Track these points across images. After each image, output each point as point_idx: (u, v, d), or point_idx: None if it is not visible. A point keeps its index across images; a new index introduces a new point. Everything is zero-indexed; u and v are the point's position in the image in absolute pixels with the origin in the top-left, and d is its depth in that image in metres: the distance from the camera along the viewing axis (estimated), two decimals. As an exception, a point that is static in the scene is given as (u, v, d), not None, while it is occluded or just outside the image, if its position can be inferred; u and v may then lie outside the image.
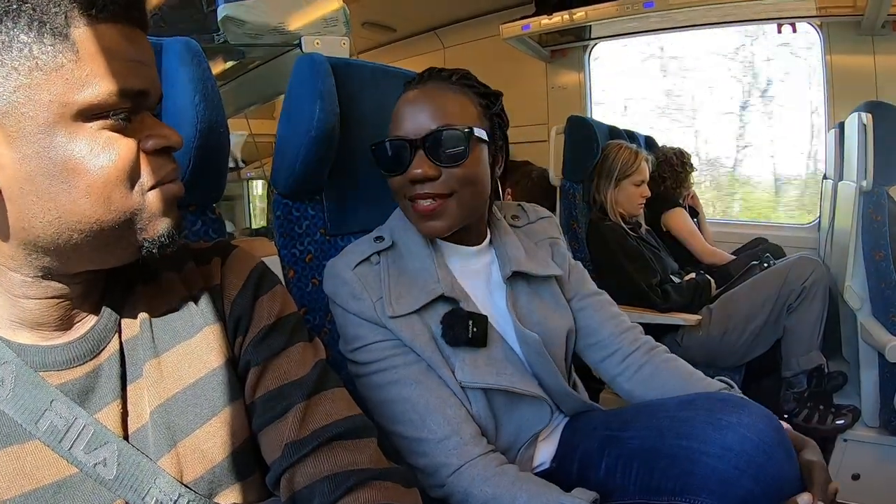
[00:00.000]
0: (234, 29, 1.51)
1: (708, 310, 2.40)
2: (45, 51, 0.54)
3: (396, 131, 1.05)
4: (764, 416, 0.94)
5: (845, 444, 2.20)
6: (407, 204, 1.07)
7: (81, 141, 0.57)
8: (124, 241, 0.64)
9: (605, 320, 1.25)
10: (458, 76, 1.09)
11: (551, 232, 1.30)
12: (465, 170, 1.04)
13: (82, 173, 0.57)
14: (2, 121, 0.55)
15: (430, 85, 1.08)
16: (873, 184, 2.04)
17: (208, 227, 1.06)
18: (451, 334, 1.04)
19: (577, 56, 4.10)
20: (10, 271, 0.62)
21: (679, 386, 1.16)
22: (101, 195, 0.59)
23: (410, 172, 1.02)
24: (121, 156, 0.59)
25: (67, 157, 0.57)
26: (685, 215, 3.02)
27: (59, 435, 0.62)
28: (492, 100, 1.12)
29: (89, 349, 0.67)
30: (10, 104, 0.54)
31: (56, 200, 0.57)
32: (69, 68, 0.55)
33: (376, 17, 4.30)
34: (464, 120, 1.04)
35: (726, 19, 3.51)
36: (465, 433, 1.00)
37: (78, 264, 0.64)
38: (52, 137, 0.56)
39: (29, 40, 0.54)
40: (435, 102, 1.04)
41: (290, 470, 0.72)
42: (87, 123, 0.57)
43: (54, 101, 0.55)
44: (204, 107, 0.93)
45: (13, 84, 0.54)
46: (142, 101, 0.62)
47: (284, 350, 0.79)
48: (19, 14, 0.53)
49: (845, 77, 3.22)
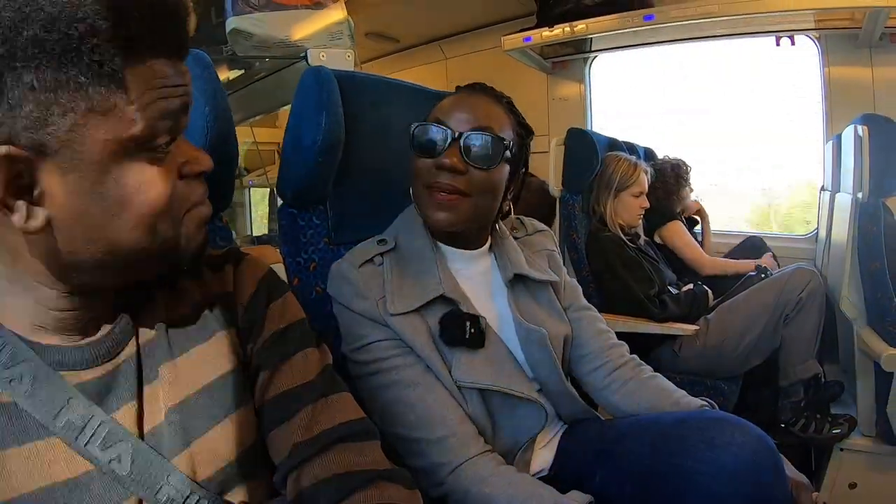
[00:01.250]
0: (242, 41, 1.53)
1: (705, 320, 2.41)
2: (100, 91, 0.55)
3: (439, 116, 1.10)
4: (756, 436, 0.95)
5: (842, 454, 2.20)
6: (424, 192, 1.10)
7: (132, 175, 0.59)
8: (162, 262, 0.67)
9: (595, 335, 1.28)
10: (506, 99, 1.16)
11: (547, 244, 1.33)
12: (489, 176, 1.08)
13: (130, 206, 0.59)
14: (56, 157, 0.55)
15: (481, 94, 1.14)
16: (869, 195, 2.05)
17: (216, 234, 1.06)
18: (448, 334, 1.06)
19: (577, 68, 4.11)
20: (45, 287, 0.63)
21: (662, 403, 1.19)
22: (148, 226, 0.61)
23: (440, 160, 1.06)
24: (165, 188, 0.61)
25: (117, 191, 0.58)
26: (680, 227, 3.02)
27: (75, 432, 0.63)
28: (526, 130, 1.17)
29: (107, 351, 0.68)
30: (64, 141, 0.55)
31: (104, 231, 0.59)
32: (121, 107, 0.56)
33: (379, 28, 4.32)
34: (502, 132, 1.09)
35: (725, 32, 3.52)
36: (463, 433, 1.02)
37: (115, 282, 0.67)
38: (104, 174, 0.57)
39: (85, 81, 0.54)
40: (483, 108, 1.11)
41: (297, 470, 0.74)
42: (135, 157, 0.59)
43: (109, 139, 0.56)
44: (214, 118, 0.94)
45: (69, 123, 0.54)
46: (182, 118, 0.63)
47: (293, 355, 0.81)
48: (79, 55, 0.53)
49: (843, 89, 3.23)
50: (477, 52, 4.38)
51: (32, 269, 0.62)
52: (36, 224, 0.57)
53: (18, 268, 0.62)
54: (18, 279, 0.63)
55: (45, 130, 0.54)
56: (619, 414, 1.24)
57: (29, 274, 0.62)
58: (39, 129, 0.54)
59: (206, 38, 1.70)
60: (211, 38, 1.68)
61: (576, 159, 2.70)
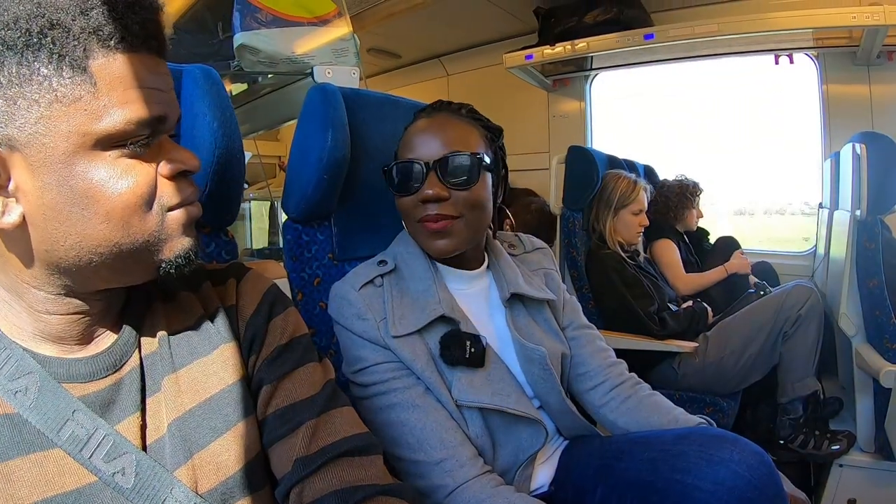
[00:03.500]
0: (249, 57, 1.54)
1: (704, 337, 2.42)
2: (64, 83, 0.56)
3: (408, 154, 1.10)
4: (755, 453, 0.96)
5: (841, 470, 2.20)
6: (416, 226, 1.11)
7: (101, 169, 0.59)
8: (142, 262, 0.66)
9: (594, 353, 1.29)
10: (466, 109, 1.15)
11: (545, 263, 1.34)
12: (473, 193, 1.08)
13: (102, 200, 0.59)
14: (24, 151, 0.56)
15: (440, 115, 1.14)
16: (867, 213, 2.06)
17: (221, 248, 1.08)
18: (448, 354, 1.06)
19: (578, 85, 4.14)
20: (33, 289, 0.64)
21: (661, 420, 1.19)
22: (120, 220, 0.61)
23: (422, 193, 1.07)
24: (139, 182, 0.61)
25: (87, 184, 0.58)
26: (667, 246, 3.01)
27: (80, 444, 0.63)
28: (495, 133, 1.17)
29: (111, 363, 0.68)
30: (31, 135, 0.56)
31: (77, 226, 0.59)
32: (88, 100, 0.57)
33: (382, 44, 4.35)
34: (472, 148, 1.09)
35: (725, 51, 3.55)
36: (462, 455, 1.02)
37: (97, 283, 0.66)
38: (72, 166, 0.58)
39: (49, 73, 0.55)
40: (446, 130, 1.10)
41: (300, 484, 0.74)
42: (105, 152, 0.59)
43: (74, 131, 0.57)
44: (222, 133, 0.95)
45: (35, 116, 0.55)
46: (160, 126, 0.63)
47: (296, 370, 0.81)
48: (40, 47, 0.54)
49: (841, 107, 3.26)
50: (478, 68, 4.42)
51: (16, 269, 0.63)
52: (11, 220, 0.58)
53: (8, 271, 0.63)
54: (11, 284, 0.64)
55: (14, 125, 0.55)
56: (617, 431, 1.24)
57: (16, 276, 0.63)
58: (8, 124, 0.55)
59: (212, 52, 1.71)
60: (218, 54, 1.70)
61: (576, 177, 2.72)
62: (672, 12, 3.52)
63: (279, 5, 1.56)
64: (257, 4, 1.53)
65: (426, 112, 1.16)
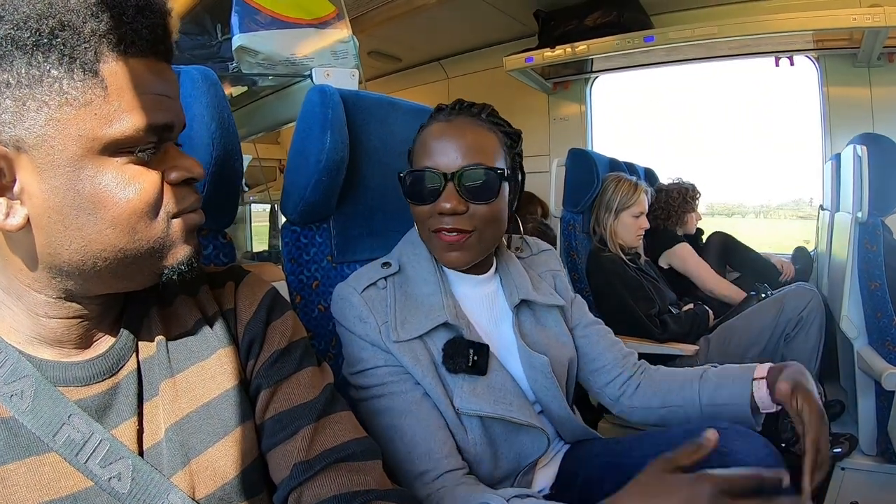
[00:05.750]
0: (248, 59, 1.53)
1: (706, 340, 2.41)
2: (74, 86, 0.56)
3: (426, 162, 1.06)
4: (764, 445, 0.96)
5: (843, 473, 2.18)
6: (430, 235, 1.09)
7: (108, 174, 0.59)
8: (146, 268, 0.66)
9: (606, 348, 1.28)
10: (486, 113, 1.11)
11: (552, 265, 1.32)
12: (492, 208, 1.05)
13: (108, 205, 0.59)
14: (31, 153, 0.56)
15: (460, 119, 1.08)
16: (869, 214, 2.06)
17: (219, 251, 1.07)
18: (451, 362, 1.04)
19: (578, 88, 4.15)
20: (33, 292, 0.63)
21: (675, 386, 1.20)
22: (126, 226, 0.61)
23: (440, 205, 1.04)
24: (145, 188, 0.61)
25: (94, 189, 0.58)
26: (688, 250, 3.00)
27: (75, 448, 0.62)
28: (514, 139, 1.13)
29: (108, 367, 0.68)
30: (40, 137, 0.56)
31: (82, 230, 0.59)
32: (98, 104, 0.57)
33: (382, 47, 4.36)
34: (493, 158, 1.06)
35: (725, 53, 3.56)
36: (444, 469, 1.00)
37: (99, 288, 0.66)
38: (79, 170, 0.57)
39: (59, 75, 0.55)
40: (466, 138, 1.05)
41: (298, 489, 0.74)
42: (113, 158, 0.59)
43: (83, 135, 0.57)
44: (220, 135, 0.95)
45: (44, 118, 0.55)
46: (167, 134, 0.64)
47: (294, 374, 0.81)
48: (50, 48, 0.54)
49: (842, 108, 3.26)
50: (478, 71, 4.43)
51: (17, 271, 0.62)
52: (16, 222, 0.58)
53: (8, 272, 0.63)
54: (11, 285, 0.63)
55: (23, 126, 0.55)
56: (638, 417, 1.24)
57: (17, 278, 0.63)
58: (17, 125, 0.55)
59: (211, 54, 1.71)
60: (217, 56, 1.69)
61: (576, 179, 2.71)
62: (672, 15, 3.53)
63: (278, 7, 1.55)
64: (256, 6, 1.52)
65: (445, 113, 1.11)
